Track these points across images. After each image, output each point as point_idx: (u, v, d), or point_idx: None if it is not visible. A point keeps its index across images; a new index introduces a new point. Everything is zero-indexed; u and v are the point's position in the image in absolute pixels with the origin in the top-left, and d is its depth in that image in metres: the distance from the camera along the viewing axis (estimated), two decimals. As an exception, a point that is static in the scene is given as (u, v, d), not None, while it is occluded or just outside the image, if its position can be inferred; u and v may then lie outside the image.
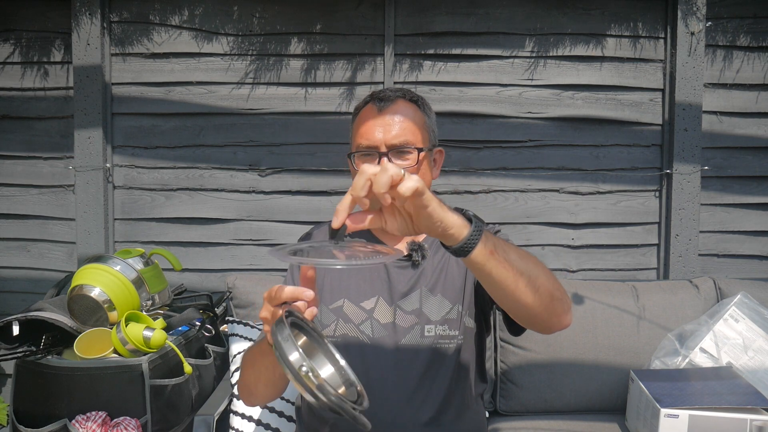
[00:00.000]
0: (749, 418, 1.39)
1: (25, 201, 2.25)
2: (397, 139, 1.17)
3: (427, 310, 1.18)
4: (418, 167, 1.18)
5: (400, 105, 1.21)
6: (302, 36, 2.17)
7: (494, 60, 2.17)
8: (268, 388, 1.10)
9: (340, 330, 1.18)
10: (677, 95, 2.12)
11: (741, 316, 1.74)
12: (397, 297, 1.20)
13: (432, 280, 1.21)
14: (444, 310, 1.19)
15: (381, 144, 1.17)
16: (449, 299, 1.20)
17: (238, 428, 1.61)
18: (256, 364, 1.07)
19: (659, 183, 2.20)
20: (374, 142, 1.17)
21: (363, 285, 1.23)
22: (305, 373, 0.71)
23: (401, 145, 1.17)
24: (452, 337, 1.17)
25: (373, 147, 1.17)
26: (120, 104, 2.19)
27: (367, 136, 1.18)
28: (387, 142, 1.17)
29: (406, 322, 1.18)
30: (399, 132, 1.17)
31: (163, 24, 2.17)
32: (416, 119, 1.21)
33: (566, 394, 1.81)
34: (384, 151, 1.16)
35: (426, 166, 1.22)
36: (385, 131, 1.17)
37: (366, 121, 1.19)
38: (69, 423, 1.45)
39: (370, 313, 1.19)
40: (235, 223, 2.22)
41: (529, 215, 2.21)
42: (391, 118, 1.18)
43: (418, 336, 1.17)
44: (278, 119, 2.19)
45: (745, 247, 2.22)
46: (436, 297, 1.19)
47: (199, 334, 1.81)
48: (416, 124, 1.20)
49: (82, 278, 1.64)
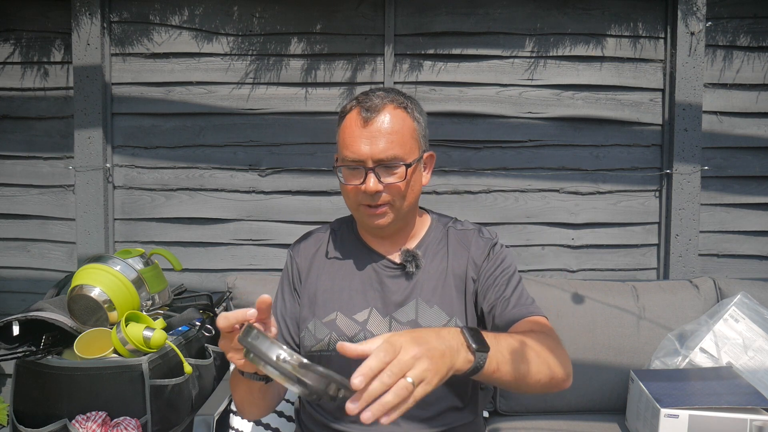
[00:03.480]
0: (749, 418, 1.39)
1: (25, 201, 2.25)
2: (383, 154, 1.10)
3: (423, 322, 1.16)
4: (407, 183, 1.13)
5: (388, 114, 1.12)
6: (302, 36, 2.17)
7: (494, 60, 2.17)
8: (254, 408, 1.16)
9: (334, 344, 1.16)
10: (677, 95, 2.12)
11: (741, 316, 1.74)
12: (392, 308, 1.18)
13: (428, 291, 1.19)
14: (441, 322, 1.16)
15: (368, 159, 1.10)
16: (446, 311, 1.17)
17: (238, 428, 1.61)
18: (237, 391, 1.13)
19: (659, 183, 2.20)
20: (360, 156, 1.10)
21: (355, 297, 1.20)
22: (284, 359, 0.71)
23: (388, 161, 1.10)
24: None
25: (359, 162, 1.11)
26: (120, 104, 2.19)
27: (353, 149, 1.11)
28: (374, 157, 1.10)
29: None
30: (386, 146, 1.10)
31: (163, 24, 2.17)
32: (404, 129, 1.13)
33: (566, 394, 1.80)
34: (371, 167, 1.10)
35: (416, 178, 1.17)
36: (372, 145, 1.10)
37: (351, 132, 1.12)
38: (69, 423, 1.45)
39: (363, 325, 1.17)
40: (235, 223, 2.22)
41: (529, 215, 2.21)
42: (378, 130, 1.10)
43: None
44: (278, 119, 2.19)
45: (745, 247, 2.22)
46: (432, 309, 1.17)
47: (199, 334, 1.80)
48: (405, 134, 1.13)
49: (82, 278, 1.63)
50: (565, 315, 1.83)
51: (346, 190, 1.16)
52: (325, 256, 1.27)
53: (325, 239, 1.30)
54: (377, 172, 1.11)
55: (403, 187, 1.13)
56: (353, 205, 1.18)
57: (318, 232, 1.33)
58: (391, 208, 1.15)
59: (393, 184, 1.12)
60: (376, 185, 1.10)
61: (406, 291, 1.19)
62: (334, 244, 1.28)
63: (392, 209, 1.15)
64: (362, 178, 1.11)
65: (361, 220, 1.21)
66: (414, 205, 1.21)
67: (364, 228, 1.24)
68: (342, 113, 1.18)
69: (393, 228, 1.20)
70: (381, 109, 1.12)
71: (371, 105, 1.12)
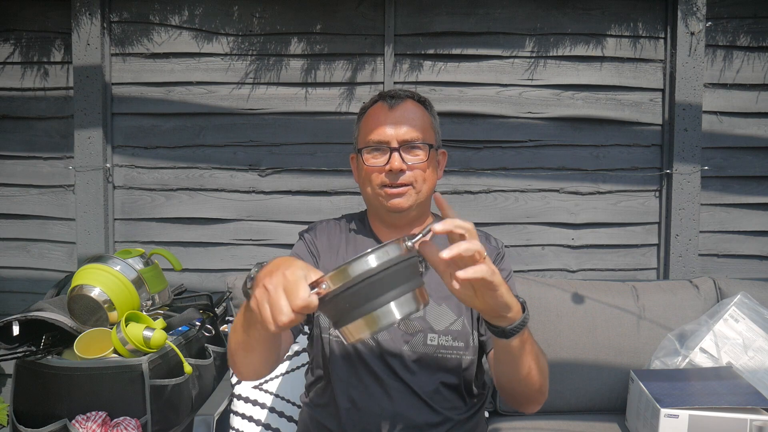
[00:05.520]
0: (749, 418, 1.39)
1: (25, 201, 2.25)
2: (408, 135, 1.18)
3: (430, 319, 1.18)
4: (428, 163, 1.19)
5: (410, 104, 1.22)
6: (302, 36, 2.17)
7: (494, 60, 2.17)
8: (249, 355, 0.99)
9: None
10: (677, 95, 2.12)
11: (741, 316, 1.74)
12: None
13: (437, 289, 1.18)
14: (448, 321, 1.18)
15: (392, 139, 1.18)
16: (454, 311, 1.19)
17: (238, 428, 1.61)
18: (235, 335, 0.99)
19: (659, 183, 2.20)
20: (386, 138, 1.18)
21: None
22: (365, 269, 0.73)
23: (413, 141, 1.18)
24: (456, 348, 1.17)
25: (384, 142, 1.18)
26: (120, 104, 2.19)
27: (378, 132, 1.18)
28: (398, 138, 1.18)
29: (410, 329, 1.17)
30: (410, 128, 1.18)
31: (163, 24, 2.17)
32: (424, 118, 1.23)
33: (566, 394, 1.81)
34: (395, 147, 1.17)
35: (432, 166, 1.23)
36: (397, 127, 1.18)
37: (376, 118, 1.20)
38: (69, 423, 1.45)
39: None
40: (235, 223, 2.22)
41: (529, 215, 2.21)
42: (402, 115, 1.19)
43: (421, 344, 1.17)
44: (278, 119, 2.19)
45: (745, 247, 2.22)
46: (440, 307, 1.19)
47: (199, 334, 1.81)
48: (425, 123, 1.22)
49: (82, 278, 1.64)
50: (565, 315, 1.83)
51: (368, 173, 1.20)
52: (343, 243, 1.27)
53: (341, 228, 1.31)
54: (401, 153, 1.17)
55: (425, 169, 1.19)
56: (374, 189, 1.20)
57: (331, 221, 1.33)
58: (413, 189, 1.18)
59: (415, 165, 1.18)
60: (401, 163, 1.16)
61: None
62: (347, 235, 1.29)
63: (413, 191, 1.19)
64: (386, 159, 1.17)
65: (381, 205, 1.22)
66: (429, 196, 1.24)
67: (382, 214, 1.25)
68: (363, 109, 1.27)
69: (410, 215, 1.23)
70: (404, 99, 1.23)
71: (395, 94, 1.23)
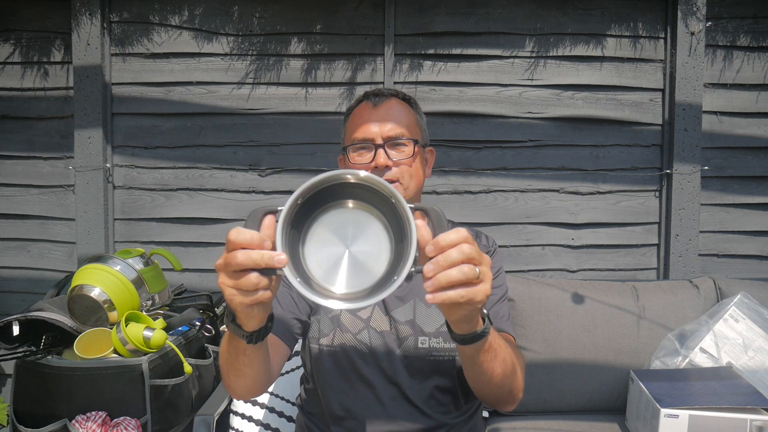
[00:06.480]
0: (749, 418, 1.39)
1: (25, 201, 2.25)
2: (393, 131, 1.18)
3: (420, 322, 1.18)
4: (413, 159, 1.19)
5: (394, 102, 1.23)
6: (302, 36, 2.17)
7: (494, 60, 2.17)
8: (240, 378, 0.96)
9: (338, 339, 1.17)
10: (677, 95, 2.12)
11: (741, 316, 1.74)
12: (392, 306, 1.19)
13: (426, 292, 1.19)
14: (438, 323, 1.17)
15: (377, 136, 1.18)
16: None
17: (238, 428, 1.61)
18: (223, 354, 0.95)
19: (659, 183, 2.20)
20: (370, 135, 1.18)
21: None
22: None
23: (397, 137, 1.18)
24: (447, 350, 1.17)
25: (369, 139, 1.18)
26: (120, 104, 2.19)
27: (363, 129, 1.19)
28: (383, 134, 1.18)
29: (401, 332, 1.17)
30: (394, 125, 1.19)
31: (163, 24, 2.17)
32: (410, 116, 1.24)
33: (566, 394, 1.80)
34: (380, 143, 1.17)
35: (419, 162, 1.22)
36: (381, 124, 1.19)
37: (361, 117, 1.21)
38: (69, 423, 1.45)
39: (366, 322, 1.19)
40: (236, 223, 2.22)
41: (529, 215, 2.21)
42: (387, 112, 1.20)
43: (412, 347, 1.16)
44: (278, 119, 2.19)
45: (745, 247, 2.22)
46: (429, 309, 1.18)
47: (199, 334, 1.81)
48: (410, 121, 1.23)
49: (82, 278, 1.64)
50: (565, 315, 1.83)
51: None
52: None
53: None
54: (386, 149, 1.17)
55: (411, 165, 1.18)
56: None
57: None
58: (400, 185, 1.18)
59: (401, 161, 1.18)
60: (386, 160, 1.16)
61: (404, 291, 1.20)
62: None
63: (400, 187, 1.18)
64: (372, 156, 1.17)
65: None
66: (417, 193, 1.24)
67: None
68: (349, 109, 1.28)
69: None
70: (388, 97, 1.24)
71: (379, 93, 1.24)
